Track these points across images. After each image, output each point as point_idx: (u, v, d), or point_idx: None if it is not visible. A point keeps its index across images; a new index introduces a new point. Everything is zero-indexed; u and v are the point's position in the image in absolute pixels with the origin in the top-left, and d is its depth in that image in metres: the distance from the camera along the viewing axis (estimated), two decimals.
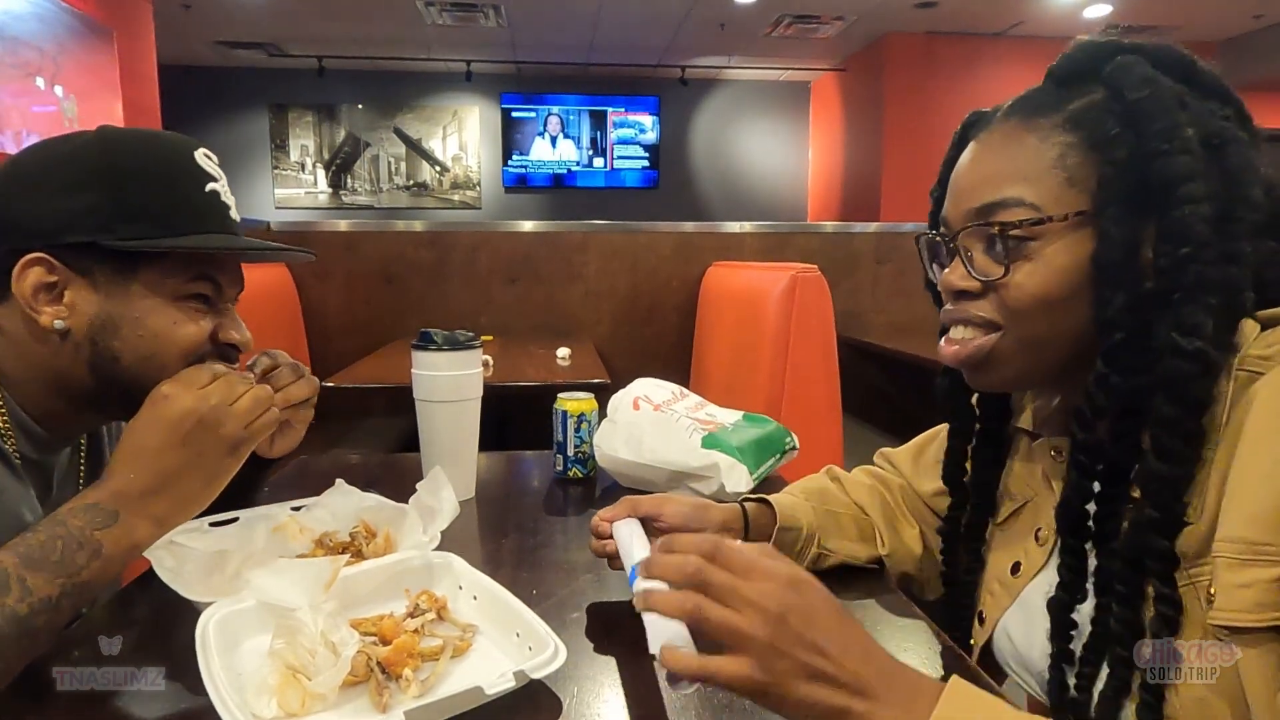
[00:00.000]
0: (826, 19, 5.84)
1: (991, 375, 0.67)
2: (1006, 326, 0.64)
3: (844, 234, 3.20)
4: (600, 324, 3.03)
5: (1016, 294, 0.62)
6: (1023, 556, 0.73)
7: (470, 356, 1.00)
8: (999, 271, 0.63)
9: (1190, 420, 0.56)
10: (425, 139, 7.46)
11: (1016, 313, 0.63)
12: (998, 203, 0.62)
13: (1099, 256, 0.59)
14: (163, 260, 0.74)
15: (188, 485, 0.69)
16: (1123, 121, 0.59)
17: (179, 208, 0.74)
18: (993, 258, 0.64)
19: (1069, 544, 0.65)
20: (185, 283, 0.75)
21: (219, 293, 0.79)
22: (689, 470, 1.01)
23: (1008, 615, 0.73)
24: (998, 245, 0.63)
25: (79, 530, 0.62)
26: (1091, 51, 0.64)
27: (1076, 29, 6.92)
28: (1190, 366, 0.55)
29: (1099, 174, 0.60)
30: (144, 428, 0.69)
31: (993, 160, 0.65)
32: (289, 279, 2.84)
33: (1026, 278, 0.62)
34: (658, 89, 7.49)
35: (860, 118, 6.74)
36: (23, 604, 0.56)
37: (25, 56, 3.53)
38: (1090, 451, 0.62)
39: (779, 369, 1.96)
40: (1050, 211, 0.60)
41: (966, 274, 0.65)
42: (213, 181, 0.78)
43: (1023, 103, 0.66)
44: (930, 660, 0.65)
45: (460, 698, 0.53)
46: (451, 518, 0.80)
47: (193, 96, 6.89)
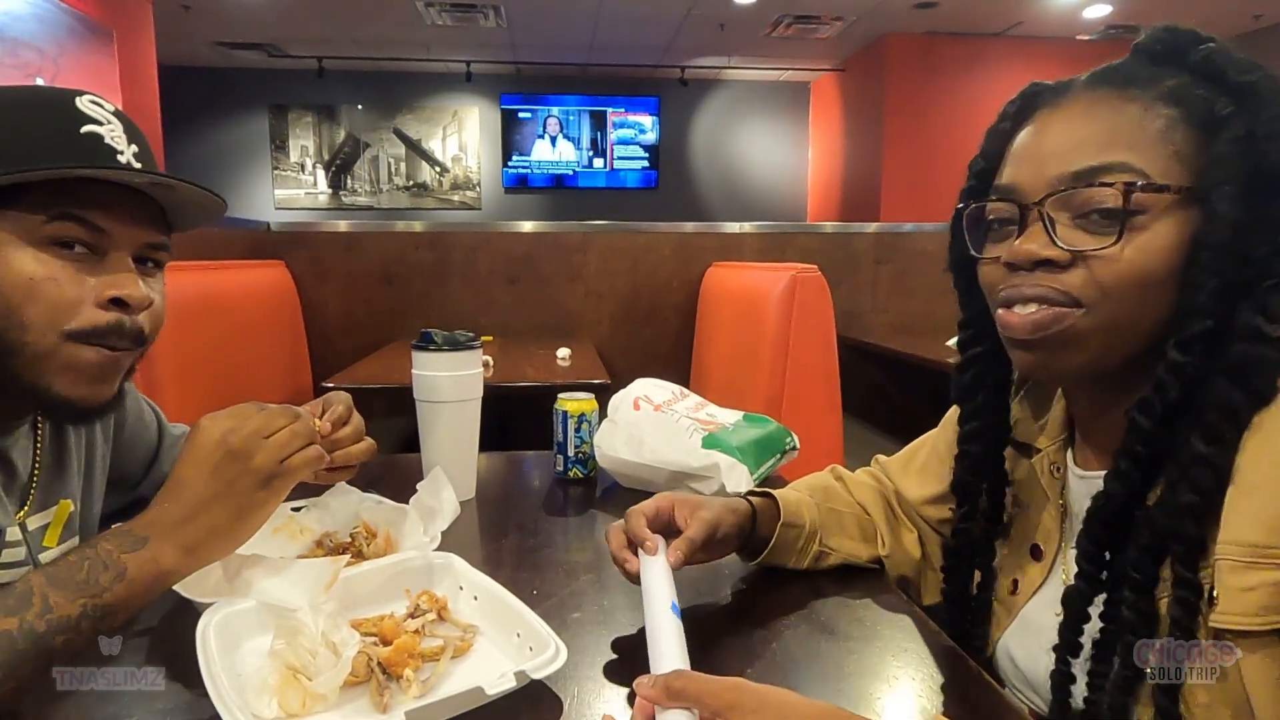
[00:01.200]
0: (826, 19, 5.84)
1: (1065, 358, 0.62)
2: (1091, 306, 0.59)
3: (844, 234, 3.20)
4: (600, 324, 3.03)
5: (1116, 268, 0.58)
6: (1020, 574, 0.72)
7: (470, 357, 1.00)
8: (1092, 243, 0.58)
9: (1249, 408, 0.54)
10: (425, 139, 7.46)
11: (1112, 287, 0.58)
12: (1101, 167, 0.58)
13: (1204, 236, 0.56)
14: (18, 202, 0.64)
15: (217, 516, 0.65)
16: (1235, 101, 0.57)
17: (41, 145, 0.65)
18: (1086, 227, 0.59)
19: (1096, 536, 0.62)
20: (45, 224, 0.65)
21: (102, 239, 0.68)
22: (689, 470, 1.01)
23: (1007, 635, 0.72)
24: (1093, 215, 0.58)
25: (106, 553, 0.60)
26: (1178, 35, 0.61)
27: (1076, 29, 6.88)
28: (1270, 353, 0.54)
29: (1210, 152, 0.57)
30: (182, 457, 0.67)
31: (1088, 126, 0.60)
32: (289, 279, 2.84)
33: (1133, 249, 0.57)
34: (657, 89, 7.49)
35: (860, 118, 6.74)
36: (41, 620, 0.55)
37: (25, 57, 3.53)
38: (1148, 442, 0.58)
39: (779, 369, 1.96)
40: (1162, 181, 0.57)
41: (1050, 242, 0.60)
42: (93, 124, 0.68)
43: (1111, 73, 0.62)
44: (930, 660, 0.65)
45: (461, 698, 0.53)
46: (452, 518, 0.80)
47: (192, 97, 6.89)
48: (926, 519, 0.85)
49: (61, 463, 0.82)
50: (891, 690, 0.61)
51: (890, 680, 0.62)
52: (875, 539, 0.84)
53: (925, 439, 0.89)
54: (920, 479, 0.86)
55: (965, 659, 0.66)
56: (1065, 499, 0.71)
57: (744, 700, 0.46)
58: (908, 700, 0.59)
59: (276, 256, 2.85)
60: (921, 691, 0.60)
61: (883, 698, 0.60)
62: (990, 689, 0.61)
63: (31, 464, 0.78)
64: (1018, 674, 0.71)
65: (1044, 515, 0.72)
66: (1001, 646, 0.73)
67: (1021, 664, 0.70)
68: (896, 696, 0.60)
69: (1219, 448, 0.54)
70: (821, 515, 0.82)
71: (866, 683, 0.62)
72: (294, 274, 2.86)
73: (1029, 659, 0.70)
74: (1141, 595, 0.58)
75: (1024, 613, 0.71)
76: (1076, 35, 6.14)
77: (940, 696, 0.60)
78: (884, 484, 0.90)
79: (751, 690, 0.47)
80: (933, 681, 0.62)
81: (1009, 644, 0.72)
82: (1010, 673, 0.72)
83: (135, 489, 0.97)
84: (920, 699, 0.60)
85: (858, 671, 0.64)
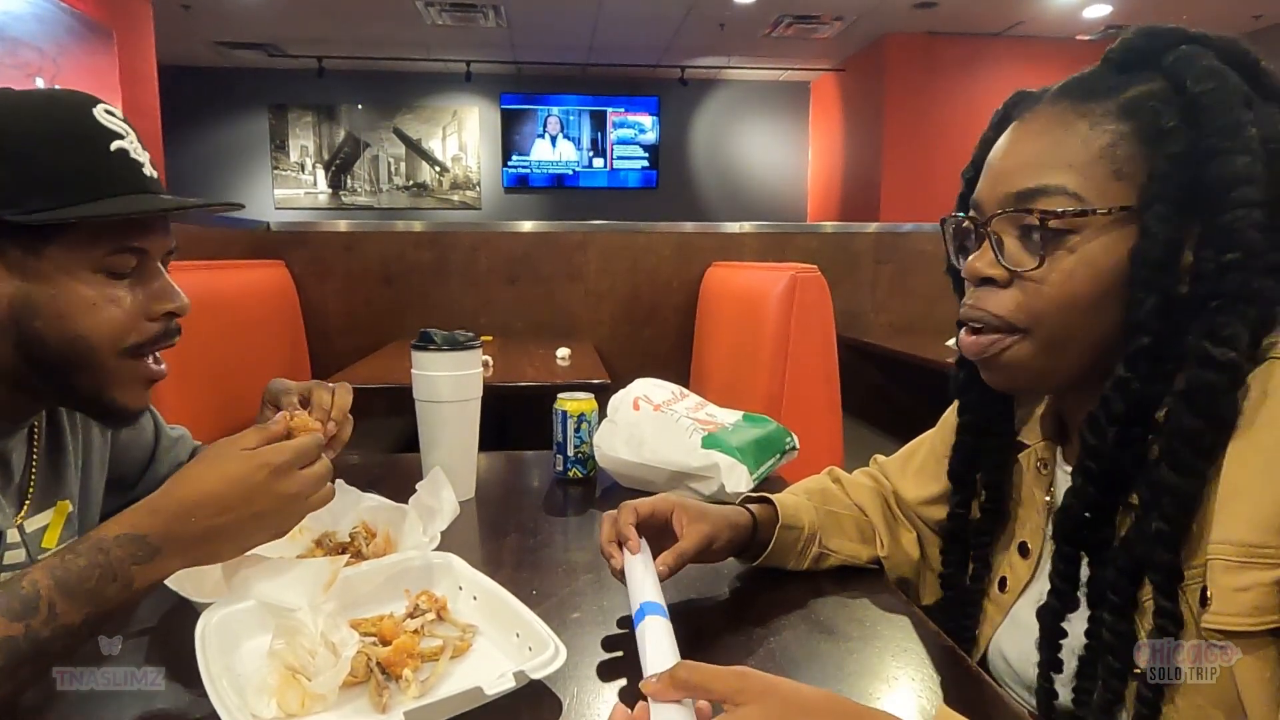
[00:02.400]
0: (826, 19, 5.84)
1: (1008, 376, 0.64)
2: (1029, 328, 0.61)
3: (844, 234, 3.20)
4: (600, 324, 3.03)
5: (1047, 290, 0.59)
6: (1008, 572, 0.72)
7: (470, 357, 1.00)
8: (1030, 263, 0.59)
9: (1210, 434, 0.53)
10: (425, 139, 7.46)
11: (1043, 312, 0.60)
12: (1038, 189, 0.59)
13: (1138, 255, 0.56)
14: (74, 231, 0.67)
15: (234, 538, 0.64)
16: (1182, 114, 0.56)
17: (84, 171, 0.68)
18: (1026, 248, 0.60)
19: (1065, 551, 0.63)
20: (104, 256, 0.69)
21: (144, 259, 0.72)
22: (689, 470, 1.01)
23: (1000, 633, 0.72)
24: (1034, 235, 0.59)
25: (119, 562, 0.59)
26: (1153, 38, 0.60)
27: (1076, 29, 6.88)
28: (1219, 378, 0.53)
29: (1149, 168, 0.56)
30: (210, 471, 0.64)
31: (1037, 144, 0.61)
32: (289, 279, 2.84)
33: (1059, 273, 0.58)
34: (657, 89, 7.49)
35: (860, 118, 6.74)
36: (46, 628, 0.55)
37: (25, 57, 3.53)
38: (1100, 458, 0.59)
39: (779, 369, 1.96)
40: (1094, 204, 0.57)
41: (994, 261, 0.61)
42: (118, 139, 0.71)
43: (1075, 85, 0.62)
44: (929, 660, 0.65)
45: (460, 698, 0.53)
46: (451, 518, 0.80)
47: (192, 97, 6.89)
48: (925, 520, 0.85)
49: (59, 463, 0.82)
50: (891, 690, 0.61)
51: (890, 680, 0.62)
52: (874, 540, 0.84)
53: (923, 439, 0.88)
54: (918, 480, 0.86)
55: (965, 659, 0.66)
56: (1053, 496, 0.70)
57: (749, 685, 0.46)
58: (907, 700, 0.60)
59: (276, 256, 2.85)
60: (921, 691, 0.61)
61: (882, 698, 0.60)
62: (989, 689, 0.61)
63: (28, 465, 0.78)
64: (1010, 673, 0.71)
65: (1031, 512, 0.71)
66: (994, 645, 0.73)
67: (1014, 663, 0.70)
68: (896, 696, 0.60)
69: (1188, 479, 0.54)
70: (820, 517, 0.82)
71: (866, 683, 0.62)
72: (294, 274, 2.86)
73: (1020, 658, 0.69)
74: (1120, 619, 0.58)
75: (1014, 611, 0.71)
76: (1076, 35, 6.14)
77: (939, 695, 0.60)
78: (882, 484, 0.90)
79: (756, 676, 0.47)
80: (932, 681, 0.62)
81: (1001, 642, 0.72)
82: (1004, 672, 0.72)
83: (132, 489, 0.97)
84: (920, 699, 0.60)
85: (857, 671, 0.64)
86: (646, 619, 0.59)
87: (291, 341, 2.79)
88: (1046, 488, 0.70)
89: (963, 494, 0.78)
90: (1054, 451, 0.71)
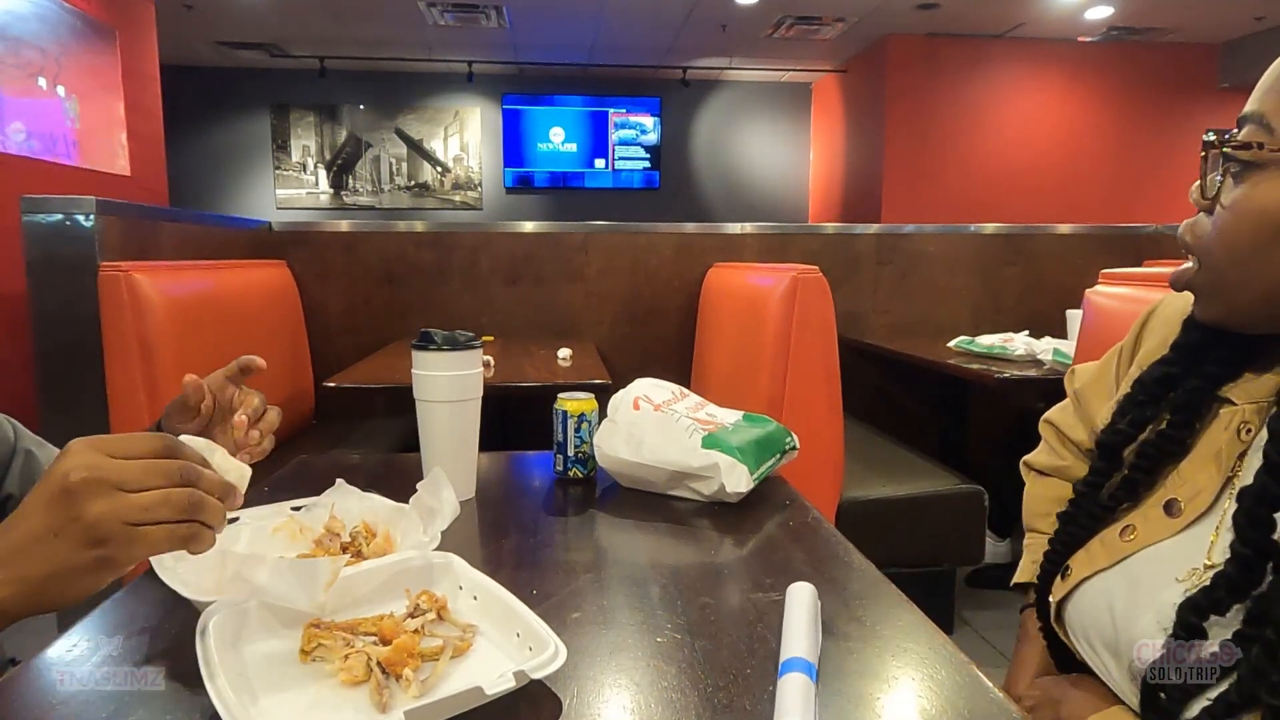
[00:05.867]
0: (828, 20, 5.85)
1: (1202, 307, 0.60)
2: (1201, 259, 0.57)
3: (845, 235, 3.20)
4: (601, 324, 3.03)
5: (1218, 224, 0.55)
6: (1140, 521, 0.65)
7: (470, 357, 1.00)
8: (1213, 192, 0.56)
9: None
10: (427, 140, 7.46)
11: (1210, 246, 0.56)
12: (1245, 115, 0.55)
13: None
14: None
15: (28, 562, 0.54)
16: None
17: None
18: (1220, 176, 0.56)
19: (1249, 536, 0.54)
20: None
21: None
22: (689, 470, 1.01)
23: (1103, 579, 0.66)
24: (1226, 164, 0.56)
25: None
26: None
27: (1078, 31, 6.89)
28: None
29: None
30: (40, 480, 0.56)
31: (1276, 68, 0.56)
32: (289, 279, 2.84)
33: (1229, 210, 0.54)
34: (659, 90, 7.49)
35: (861, 119, 6.75)
36: None
37: (27, 56, 3.54)
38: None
39: (780, 370, 1.96)
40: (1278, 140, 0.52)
41: (1199, 185, 0.58)
42: None
43: None
44: (930, 660, 0.65)
45: (460, 698, 0.53)
46: (452, 518, 0.80)
47: (194, 97, 6.90)
48: None
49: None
50: (891, 690, 0.61)
51: (890, 680, 0.62)
52: None
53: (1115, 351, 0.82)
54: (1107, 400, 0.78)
55: (965, 659, 0.66)
56: (1240, 468, 0.61)
57: None
58: (908, 700, 0.59)
59: (278, 256, 2.85)
60: (921, 691, 0.60)
61: (882, 697, 0.60)
62: (988, 689, 0.61)
63: None
64: (1100, 629, 0.65)
65: (1201, 474, 0.63)
66: (1091, 590, 0.66)
67: (1118, 620, 0.63)
68: (896, 696, 0.60)
69: None
70: None
71: (866, 683, 0.62)
72: (295, 273, 2.87)
73: (1126, 619, 0.63)
74: None
75: (1130, 563, 0.64)
76: (1078, 37, 6.13)
77: (939, 695, 0.60)
78: (1062, 449, 0.86)
79: None
80: (933, 681, 0.62)
81: (1108, 590, 0.65)
82: (1091, 624, 0.66)
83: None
84: (920, 699, 0.59)
85: (857, 671, 0.64)
86: (789, 675, 0.57)
87: (293, 341, 2.79)
88: (1238, 457, 0.61)
89: (1140, 412, 0.70)
90: (1259, 419, 0.61)
